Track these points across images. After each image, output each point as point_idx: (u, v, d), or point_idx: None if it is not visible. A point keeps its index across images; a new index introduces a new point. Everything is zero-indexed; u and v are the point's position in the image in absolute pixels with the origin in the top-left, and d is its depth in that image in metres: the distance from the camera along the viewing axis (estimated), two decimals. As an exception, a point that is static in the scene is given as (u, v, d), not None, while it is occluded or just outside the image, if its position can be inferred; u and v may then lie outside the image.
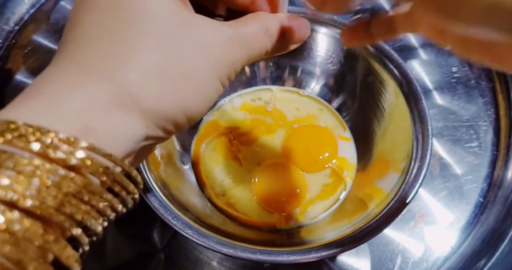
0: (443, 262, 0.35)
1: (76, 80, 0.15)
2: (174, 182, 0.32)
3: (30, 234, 0.13)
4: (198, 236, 0.27)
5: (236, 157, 0.37)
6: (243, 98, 0.39)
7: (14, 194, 0.12)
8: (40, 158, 0.13)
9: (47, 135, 0.14)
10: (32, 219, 0.13)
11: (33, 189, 0.13)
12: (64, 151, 0.14)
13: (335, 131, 0.38)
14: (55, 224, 0.13)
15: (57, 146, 0.14)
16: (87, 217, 0.14)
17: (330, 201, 0.35)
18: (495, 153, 0.39)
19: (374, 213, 0.28)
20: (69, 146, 0.14)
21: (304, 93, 0.39)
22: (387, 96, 0.34)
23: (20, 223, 0.12)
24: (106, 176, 0.15)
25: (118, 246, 0.35)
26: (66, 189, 0.13)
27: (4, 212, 0.12)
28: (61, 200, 0.13)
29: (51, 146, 0.13)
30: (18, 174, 0.13)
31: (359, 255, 0.35)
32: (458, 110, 0.41)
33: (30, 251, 0.12)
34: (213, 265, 0.34)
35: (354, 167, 0.36)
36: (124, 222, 0.35)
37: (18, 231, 0.12)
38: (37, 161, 0.13)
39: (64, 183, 0.13)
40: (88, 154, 0.14)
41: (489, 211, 0.37)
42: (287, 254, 0.26)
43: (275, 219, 0.34)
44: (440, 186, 0.38)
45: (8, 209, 0.12)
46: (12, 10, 0.45)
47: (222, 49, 0.18)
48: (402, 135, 0.31)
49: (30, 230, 0.13)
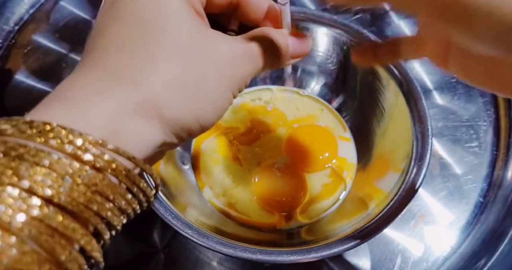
0: (443, 262, 0.35)
1: (102, 87, 0.16)
2: (174, 182, 0.32)
3: (63, 227, 0.14)
4: (198, 236, 0.27)
5: (236, 157, 0.37)
6: (243, 98, 0.39)
7: (50, 190, 0.14)
8: (72, 158, 0.15)
9: (79, 138, 0.15)
10: (64, 213, 0.14)
11: (66, 186, 0.14)
12: (92, 153, 0.15)
13: (335, 132, 0.38)
14: (82, 219, 0.15)
15: (87, 148, 0.15)
16: (111, 214, 0.15)
17: (330, 201, 0.35)
18: (495, 153, 0.39)
19: (374, 213, 0.28)
20: (97, 149, 0.15)
21: (304, 93, 0.39)
22: (387, 96, 0.34)
23: (54, 217, 0.14)
24: (127, 178, 0.16)
25: (118, 246, 0.35)
26: (94, 188, 0.15)
27: (42, 206, 0.13)
28: (89, 198, 0.15)
29: (81, 148, 0.15)
30: (53, 171, 0.14)
31: (359, 255, 0.35)
32: (458, 110, 0.41)
33: (62, 242, 0.14)
34: (213, 265, 0.34)
35: (354, 166, 0.36)
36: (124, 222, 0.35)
37: (53, 224, 0.13)
38: (69, 161, 0.14)
39: (92, 182, 0.15)
40: (114, 157, 0.15)
41: (489, 211, 0.37)
42: (287, 254, 0.26)
43: (275, 219, 0.34)
44: (440, 186, 0.38)
45: (45, 203, 0.14)
46: (12, 10, 0.45)
47: (234, 64, 0.19)
48: (402, 134, 0.31)
49: (62, 223, 0.14)
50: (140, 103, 0.16)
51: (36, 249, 0.13)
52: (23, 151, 0.14)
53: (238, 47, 0.19)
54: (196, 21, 0.18)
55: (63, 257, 0.14)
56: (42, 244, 0.13)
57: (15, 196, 0.13)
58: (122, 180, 0.16)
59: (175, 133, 0.18)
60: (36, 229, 0.13)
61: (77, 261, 0.14)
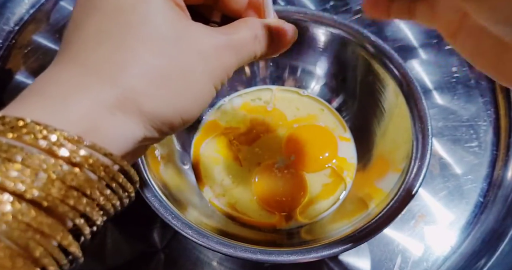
0: (443, 262, 0.35)
1: (80, 82, 0.16)
2: (174, 182, 0.32)
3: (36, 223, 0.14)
4: (198, 236, 0.27)
5: (236, 157, 0.37)
6: (243, 98, 0.39)
7: (22, 185, 0.13)
8: (46, 154, 0.14)
9: (54, 133, 0.14)
10: (37, 209, 0.14)
11: (40, 181, 0.14)
12: (68, 149, 0.15)
13: (336, 132, 0.38)
14: (58, 215, 0.14)
15: (62, 143, 0.14)
16: (89, 209, 0.15)
17: (330, 201, 0.35)
18: (495, 153, 0.39)
19: (374, 213, 0.28)
20: (73, 144, 0.15)
21: (304, 93, 0.39)
22: (387, 96, 0.34)
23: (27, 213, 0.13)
24: (105, 174, 0.16)
25: (118, 246, 0.35)
26: (69, 183, 0.14)
27: (13, 202, 0.13)
28: (65, 193, 0.14)
29: (56, 144, 0.14)
30: (26, 167, 0.14)
31: (359, 255, 0.35)
32: (458, 110, 0.41)
33: (36, 238, 0.14)
34: (213, 265, 0.34)
35: (354, 166, 0.36)
36: (124, 222, 0.35)
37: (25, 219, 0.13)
38: (43, 157, 0.14)
39: (68, 177, 0.14)
40: (90, 153, 0.15)
41: (489, 211, 0.37)
42: (287, 254, 0.26)
43: (275, 219, 0.34)
44: (440, 185, 0.38)
45: (17, 199, 0.13)
46: (12, 10, 0.45)
47: (216, 56, 0.19)
48: (402, 134, 0.31)
49: (36, 219, 0.14)
50: (120, 99, 0.16)
51: (9, 245, 0.13)
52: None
53: (221, 39, 0.19)
54: (177, 13, 0.18)
55: (38, 253, 0.14)
56: (15, 240, 0.13)
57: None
58: (100, 176, 0.15)
59: (156, 128, 0.18)
60: (8, 225, 0.13)
61: (54, 256, 0.14)
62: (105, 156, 0.15)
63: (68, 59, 0.17)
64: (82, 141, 0.15)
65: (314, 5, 0.46)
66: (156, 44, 0.17)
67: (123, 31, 0.17)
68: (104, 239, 0.35)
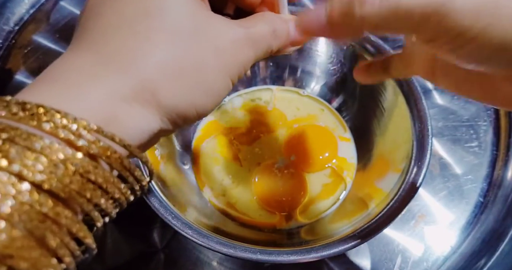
0: (443, 262, 0.35)
1: (97, 71, 0.16)
2: (174, 182, 0.32)
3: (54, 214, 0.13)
4: (198, 236, 0.27)
5: (236, 157, 0.37)
6: (243, 98, 0.39)
7: (41, 176, 0.13)
8: (65, 144, 0.14)
9: (74, 123, 0.14)
10: (55, 200, 0.14)
11: (58, 172, 0.14)
12: (87, 140, 0.14)
13: (336, 132, 0.38)
14: (73, 206, 0.14)
15: (82, 134, 0.14)
16: (104, 201, 0.15)
17: (330, 201, 0.35)
18: (495, 153, 0.39)
19: (374, 213, 0.28)
20: (92, 135, 0.14)
21: (304, 93, 0.39)
22: (387, 96, 0.34)
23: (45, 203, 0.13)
24: (122, 167, 0.15)
25: (118, 246, 0.35)
26: (86, 176, 0.14)
27: (32, 192, 0.13)
28: (82, 185, 0.14)
29: (75, 134, 0.14)
30: (45, 157, 0.13)
31: (359, 255, 0.35)
32: (458, 110, 0.41)
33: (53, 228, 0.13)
34: (213, 265, 0.34)
35: (354, 166, 0.36)
36: (124, 222, 0.35)
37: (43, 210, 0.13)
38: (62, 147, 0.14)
39: (85, 170, 0.14)
40: (109, 144, 0.15)
41: (489, 211, 0.37)
42: (287, 254, 0.26)
43: (275, 219, 0.34)
44: (440, 185, 0.38)
45: (36, 189, 0.13)
46: (12, 10, 0.45)
47: (234, 49, 0.18)
48: (402, 134, 0.31)
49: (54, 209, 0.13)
50: (137, 89, 0.16)
51: (27, 235, 0.13)
52: (14, 134, 0.13)
53: (239, 32, 0.18)
54: (198, 3, 0.18)
55: (54, 243, 0.13)
56: (32, 230, 0.13)
57: (5, 181, 0.13)
58: (116, 168, 0.15)
59: (171, 120, 0.17)
60: (26, 214, 0.13)
61: (68, 247, 0.14)
62: (124, 147, 0.15)
63: (83, 46, 0.17)
64: (101, 131, 0.15)
65: (314, 5, 0.46)
66: (174, 35, 0.17)
67: (142, 20, 0.16)
68: (104, 239, 0.35)
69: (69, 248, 0.14)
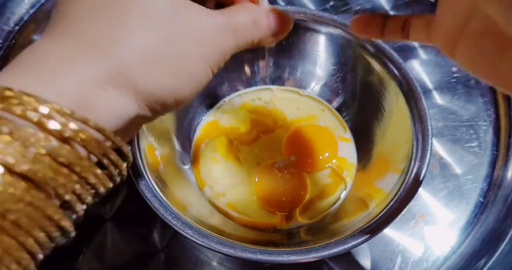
0: (443, 262, 0.35)
1: (72, 55, 0.16)
2: (174, 182, 0.32)
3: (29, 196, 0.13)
4: (198, 236, 0.27)
5: (236, 157, 0.37)
6: (243, 98, 0.39)
7: (11, 158, 0.13)
8: (36, 127, 0.14)
9: (45, 105, 0.14)
10: (29, 182, 0.13)
11: (29, 156, 0.13)
12: (59, 123, 0.14)
13: (336, 132, 0.38)
14: (47, 190, 0.14)
15: (53, 117, 0.14)
16: (79, 186, 0.15)
17: (330, 201, 0.35)
18: (495, 153, 0.39)
19: (374, 213, 0.28)
20: (65, 118, 0.14)
21: (304, 93, 0.39)
22: (387, 96, 0.34)
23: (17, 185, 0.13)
24: (97, 149, 0.15)
25: (118, 246, 0.35)
26: (59, 159, 0.14)
27: (3, 174, 0.13)
28: (55, 169, 0.14)
29: (47, 116, 0.14)
30: (15, 140, 0.13)
31: (359, 255, 0.35)
32: (458, 110, 0.41)
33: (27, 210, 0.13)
34: (213, 265, 0.34)
35: (354, 166, 0.36)
36: (124, 222, 0.35)
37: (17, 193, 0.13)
38: (32, 130, 0.14)
39: (57, 153, 0.14)
40: (82, 127, 0.15)
41: (489, 211, 0.37)
42: (287, 254, 0.26)
43: (275, 219, 0.34)
44: (440, 185, 0.38)
45: (8, 172, 0.13)
46: (12, 10, 0.45)
47: (214, 37, 0.18)
48: (402, 134, 0.31)
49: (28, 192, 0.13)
50: (112, 73, 0.16)
51: None
52: None
53: (220, 20, 0.18)
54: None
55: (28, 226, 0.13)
56: (6, 213, 0.13)
57: None
58: (91, 151, 0.15)
59: (149, 106, 0.17)
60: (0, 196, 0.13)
61: (44, 229, 0.14)
62: (98, 131, 0.15)
63: (60, 31, 0.16)
64: (74, 115, 0.14)
65: (314, 5, 0.46)
66: (152, 21, 0.17)
67: (120, 6, 0.16)
68: (104, 239, 0.35)
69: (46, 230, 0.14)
